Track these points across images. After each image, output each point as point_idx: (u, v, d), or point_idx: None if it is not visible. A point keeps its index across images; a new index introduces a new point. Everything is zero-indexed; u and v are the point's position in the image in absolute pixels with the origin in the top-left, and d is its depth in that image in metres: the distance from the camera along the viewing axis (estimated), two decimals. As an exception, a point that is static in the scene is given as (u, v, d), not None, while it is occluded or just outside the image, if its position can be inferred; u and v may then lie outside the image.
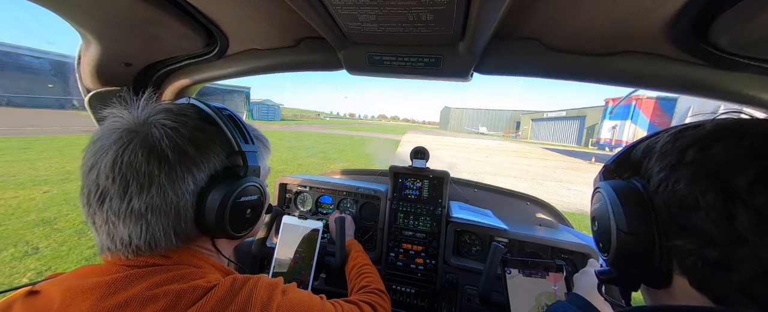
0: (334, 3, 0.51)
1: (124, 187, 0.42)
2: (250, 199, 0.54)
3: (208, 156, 0.48)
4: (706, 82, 0.62)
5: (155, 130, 0.45)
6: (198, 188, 0.47)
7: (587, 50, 0.64)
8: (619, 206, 0.41)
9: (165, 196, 0.44)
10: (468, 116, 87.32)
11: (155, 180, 0.43)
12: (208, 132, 0.50)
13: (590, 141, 34.13)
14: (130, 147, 0.43)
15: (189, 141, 0.46)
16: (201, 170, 0.47)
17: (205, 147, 0.49)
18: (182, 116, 0.48)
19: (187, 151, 0.46)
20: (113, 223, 0.43)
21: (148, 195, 0.43)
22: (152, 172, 0.43)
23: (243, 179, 0.52)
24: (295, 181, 1.53)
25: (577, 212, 5.82)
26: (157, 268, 0.45)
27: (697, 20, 0.48)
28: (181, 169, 0.45)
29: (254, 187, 0.55)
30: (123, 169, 0.42)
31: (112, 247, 0.44)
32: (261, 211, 0.59)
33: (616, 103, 27.02)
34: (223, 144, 0.51)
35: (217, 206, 0.48)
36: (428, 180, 1.40)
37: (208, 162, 0.48)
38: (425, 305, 1.32)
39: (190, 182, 0.46)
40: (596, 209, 0.48)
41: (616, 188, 0.43)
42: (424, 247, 1.34)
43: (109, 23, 0.65)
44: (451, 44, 0.66)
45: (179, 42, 0.74)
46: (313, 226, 1.18)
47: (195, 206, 0.47)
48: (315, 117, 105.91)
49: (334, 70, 0.84)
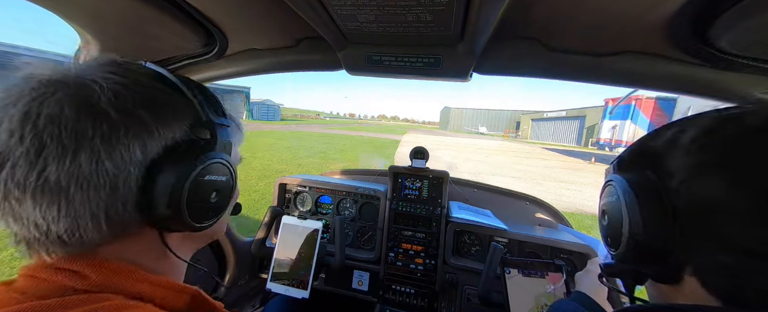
0: (334, 3, 0.51)
1: (38, 149, 0.30)
2: (217, 180, 0.43)
3: (166, 123, 0.38)
4: (706, 82, 0.62)
5: (94, 84, 0.34)
6: (147, 160, 0.36)
7: (587, 50, 0.64)
8: (633, 202, 0.39)
9: (98, 166, 0.32)
10: (468, 116, 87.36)
11: (86, 143, 0.32)
12: (168, 95, 0.40)
13: (590, 141, 34.15)
14: (54, 99, 0.32)
15: (142, 101, 0.36)
16: (154, 139, 0.36)
17: (163, 111, 0.38)
18: (136, 73, 0.39)
19: (137, 112, 0.35)
20: (16, 199, 0.31)
21: (74, 163, 0.31)
22: (83, 131, 0.31)
23: (210, 154, 0.41)
24: (294, 181, 1.53)
25: (577, 212, 5.82)
26: (67, 300, 0.32)
27: (697, 20, 0.47)
28: (127, 133, 0.34)
29: (224, 165, 0.44)
30: (38, 126, 0.30)
31: (29, 237, 0.33)
32: (229, 200, 0.48)
33: (616, 103, 27.03)
34: (188, 112, 0.41)
35: (173, 183, 0.37)
36: (428, 180, 1.40)
37: (165, 130, 0.37)
38: (425, 305, 1.32)
39: (137, 151, 0.35)
40: (607, 203, 0.46)
41: (631, 182, 0.40)
42: (423, 247, 1.34)
43: (107, 23, 0.65)
44: (450, 44, 0.66)
45: (178, 42, 0.73)
46: (312, 227, 1.18)
47: (140, 184, 0.36)
48: (315, 117, 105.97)
49: (333, 70, 0.83)
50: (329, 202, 1.52)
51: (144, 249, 0.41)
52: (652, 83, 0.67)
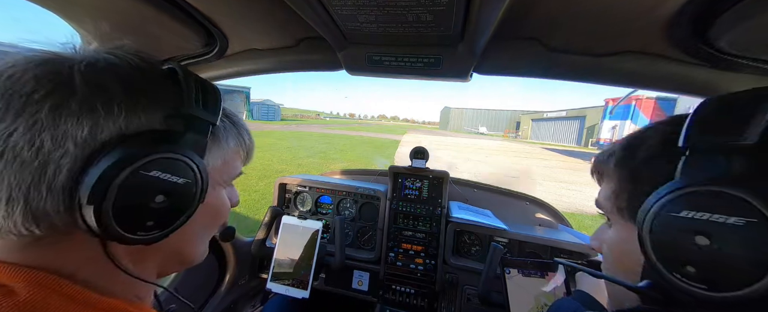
0: (334, 3, 0.51)
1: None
2: (168, 180, 0.33)
3: (132, 105, 0.32)
4: (706, 82, 0.62)
5: (75, 54, 0.31)
6: (95, 142, 0.29)
7: (587, 50, 0.64)
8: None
9: (33, 139, 0.27)
10: (468, 116, 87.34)
11: (30, 108, 0.27)
12: (151, 80, 0.35)
13: (590, 141, 34.15)
14: (20, 62, 0.28)
15: (118, 78, 0.31)
16: (112, 119, 0.30)
17: (135, 93, 0.32)
18: (138, 58, 0.35)
19: (108, 88, 0.30)
20: None
21: (7, 126, 0.26)
22: (31, 94, 0.27)
23: (165, 146, 0.33)
24: (294, 181, 1.53)
25: (577, 212, 5.82)
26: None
27: (697, 20, 0.47)
28: (83, 107, 0.28)
29: (183, 164, 0.35)
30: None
31: None
32: (186, 208, 0.37)
33: (616, 103, 27.04)
34: (167, 100, 0.35)
35: (101, 174, 0.29)
36: (428, 180, 1.40)
37: (129, 113, 0.31)
38: (425, 305, 1.32)
39: (85, 130, 0.29)
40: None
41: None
42: (423, 247, 1.34)
43: (107, 23, 0.65)
44: (450, 44, 0.66)
45: (178, 42, 0.73)
46: (312, 227, 1.18)
47: (74, 168, 0.29)
48: (315, 117, 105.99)
49: (333, 70, 0.84)
50: (329, 202, 1.52)
51: (84, 259, 0.33)
52: (652, 83, 0.67)
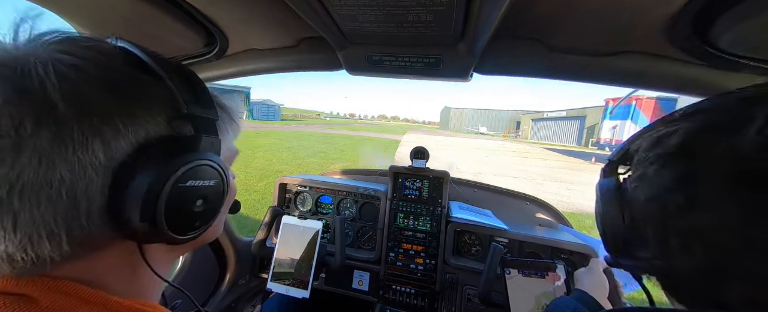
0: (334, 3, 0.51)
1: None
2: (203, 185, 0.36)
3: (135, 115, 0.31)
4: (706, 82, 0.62)
5: (39, 65, 0.26)
6: (115, 163, 0.30)
7: (587, 50, 0.64)
8: (598, 203, 0.44)
9: (48, 171, 0.26)
10: (468, 116, 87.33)
11: (27, 143, 0.25)
12: (137, 81, 0.32)
13: (590, 141, 34.14)
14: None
15: (102, 87, 0.29)
16: (121, 136, 0.29)
17: (130, 100, 0.31)
18: (96, 52, 0.30)
19: (95, 102, 0.28)
20: None
21: (13, 169, 0.25)
22: (19, 128, 0.25)
23: (192, 155, 0.34)
24: (294, 181, 1.53)
25: (578, 212, 5.82)
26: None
27: (697, 20, 0.47)
28: (82, 129, 0.27)
29: (210, 167, 0.37)
30: None
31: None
32: (220, 205, 0.40)
33: (616, 103, 27.01)
34: (163, 102, 0.34)
35: (145, 194, 0.30)
36: (428, 180, 1.40)
37: (134, 124, 0.30)
38: (425, 305, 1.32)
39: (99, 152, 0.28)
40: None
41: (600, 185, 0.45)
42: (424, 247, 1.34)
43: (107, 23, 0.65)
44: (450, 44, 0.66)
45: (178, 42, 0.73)
46: (313, 226, 1.18)
47: (107, 193, 0.30)
48: (315, 117, 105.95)
49: (334, 70, 0.84)
50: (329, 202, 1.52)
51: (113, 265, 0.34)
52: (652, 83, 0.67)
